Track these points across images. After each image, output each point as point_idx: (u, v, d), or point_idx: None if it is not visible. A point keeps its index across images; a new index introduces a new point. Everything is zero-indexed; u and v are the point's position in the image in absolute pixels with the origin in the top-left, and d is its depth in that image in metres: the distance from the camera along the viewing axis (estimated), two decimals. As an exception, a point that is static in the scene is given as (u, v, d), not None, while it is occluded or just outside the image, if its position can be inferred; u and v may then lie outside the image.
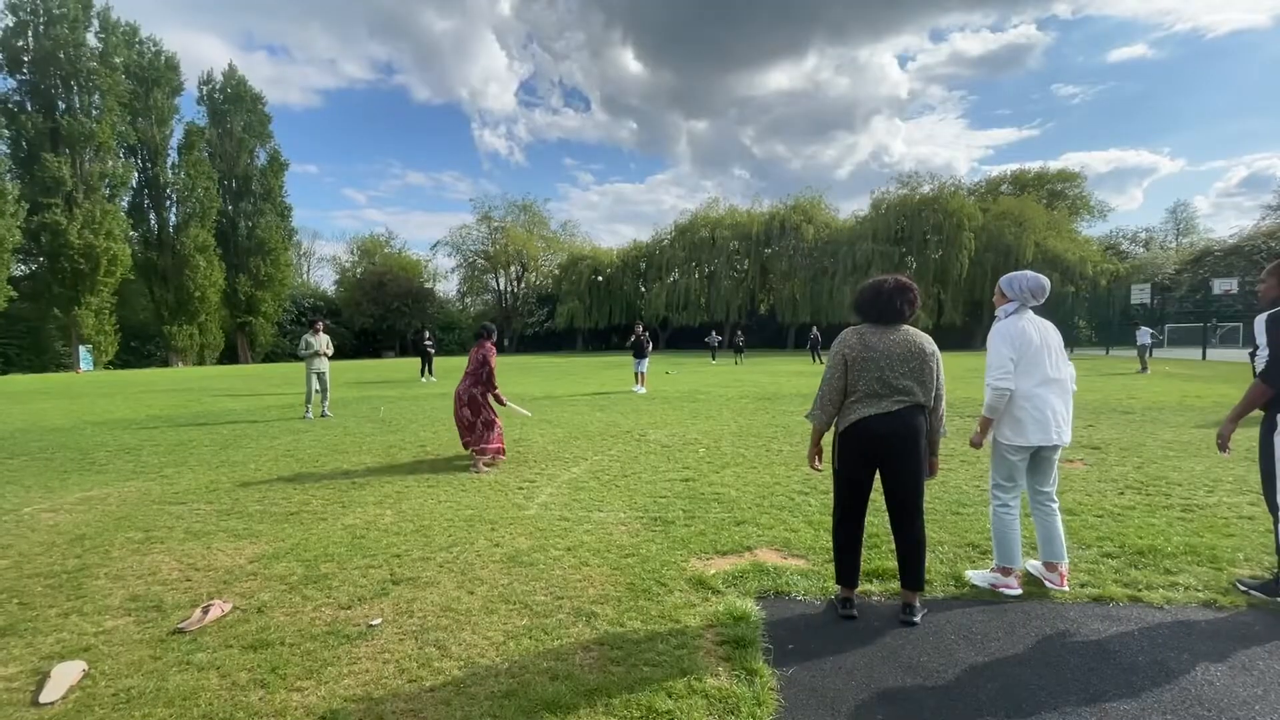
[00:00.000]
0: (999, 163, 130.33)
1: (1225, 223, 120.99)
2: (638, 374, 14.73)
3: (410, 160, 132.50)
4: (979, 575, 3.24)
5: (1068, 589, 3.11)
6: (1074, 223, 46.42)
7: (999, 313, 3.21)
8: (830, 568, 3.24)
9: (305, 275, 66.77)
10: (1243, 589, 3.06)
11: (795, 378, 17.84)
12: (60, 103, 34.87)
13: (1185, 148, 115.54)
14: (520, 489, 5.35)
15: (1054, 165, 50.37)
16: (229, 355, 46.06)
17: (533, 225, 61.32)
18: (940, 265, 41.26)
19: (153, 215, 41.64)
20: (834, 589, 3.09)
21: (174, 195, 41.73)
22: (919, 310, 2.96)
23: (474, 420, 6.33)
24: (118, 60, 36.72)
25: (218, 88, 45.73)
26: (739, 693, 2.26)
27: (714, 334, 30.40)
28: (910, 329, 2.87)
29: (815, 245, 46.17)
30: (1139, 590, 3.08)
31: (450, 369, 22.58)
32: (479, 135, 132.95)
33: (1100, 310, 37.54)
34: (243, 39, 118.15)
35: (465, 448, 6.43)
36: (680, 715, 2.14)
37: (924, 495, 2.91)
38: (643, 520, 4.39)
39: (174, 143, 41.83)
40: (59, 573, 3.56)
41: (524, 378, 19.88)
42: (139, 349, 41.83)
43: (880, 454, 2.81)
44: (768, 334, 49.84)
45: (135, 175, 39.70)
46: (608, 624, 2.81)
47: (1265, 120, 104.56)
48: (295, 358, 36.70)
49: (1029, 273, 3.18)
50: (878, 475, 2.89)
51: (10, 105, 34.17)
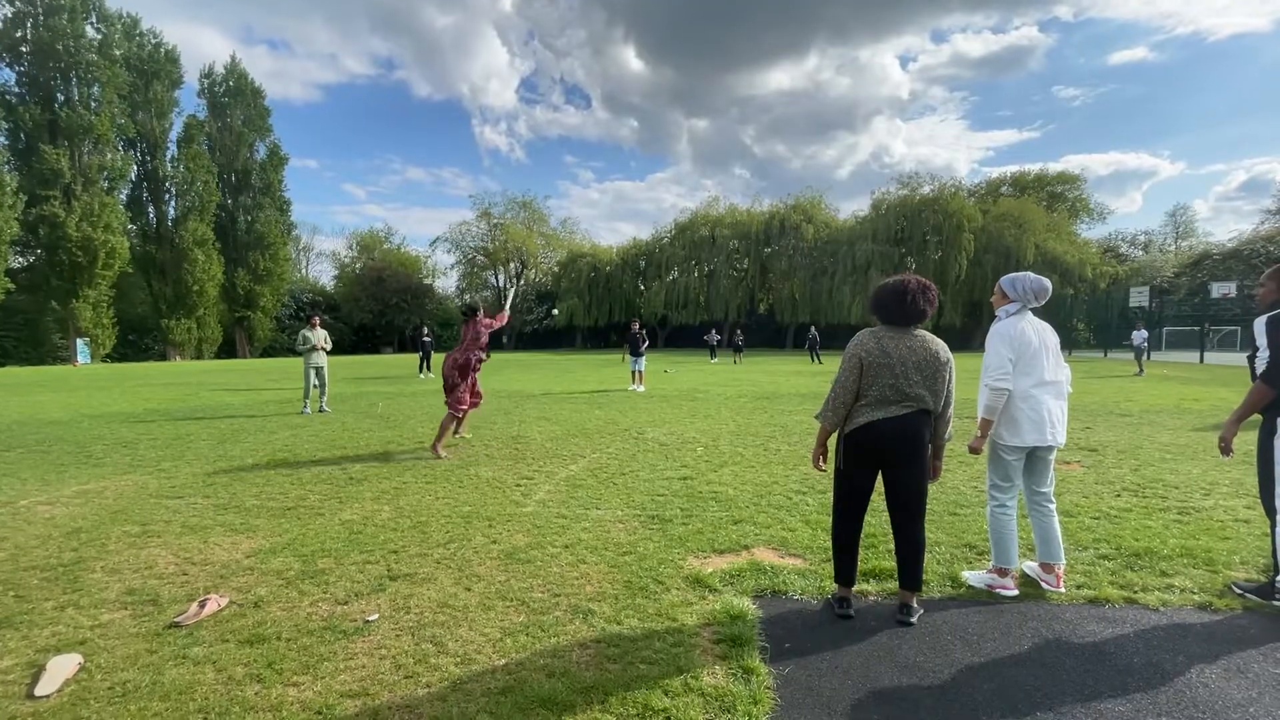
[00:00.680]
0: (999, 164, 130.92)
1: (1224, 226, 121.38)
2: (634, 373, 14.66)
3: (410, 156, 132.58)
4: (976, 576, 3.24)
5: (1064, 590, 3.11)
6: (1073, 225, 46.47)
7: (999, 313, 3.20)
8: (827, 567, 3.24)
9: (304, 270, 66.81)
10: (1238, 592, 3.07)
11: (794, 377, 17.85)
12: (59, 94, 34.78)
13: (1185, 151, 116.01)
14: (518, 486, 5.34)
15: (1054, 167, 50.65)
16: (227, 349, 46.02)
17: (532, 222, 61.29)
18: (940, 266, 41.23)
19: (151, 208, 41.58)
20: (831, 588, 3.10)
21: (173, 189, 41.70)
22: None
23: (460, 381, 6.85)
24: (117, 52, 36.62)
25: (218, 81, 45.64)
26: (735, 691, 2.26)
27: (713, 333, 30.33)
28: (926, 334, 2.84)
29: (815, 245, 46.18)
30: (1135, 592, 3.09)
31: (449, 365, 22.47)
32: (479, 131, 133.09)
33: (1099, 312, 37.55)
34: (243, 33, 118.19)
35: (445, 406, 6.94)
36: (676, 713, 2.14)
37: (927, 498, 2.90)
38: (640, 518, 4.39)
39: (173, 136, 41.83)
40: (55, 566, 3.56)
41: (523, 375, 19.86)
42: (137, 342, 41.80)
43: (885, 457, 2.80)
44: (767, 333, 49.88)
45: (134, 168, 39.66)
46: (605, 621, 2.81)
47: (1265, 124, 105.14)
48: (293, 352, 36.79)
49: (1031, 274, 3.17)
50: (879, 477, 2.89)
51: (9, 97, 34.05)
